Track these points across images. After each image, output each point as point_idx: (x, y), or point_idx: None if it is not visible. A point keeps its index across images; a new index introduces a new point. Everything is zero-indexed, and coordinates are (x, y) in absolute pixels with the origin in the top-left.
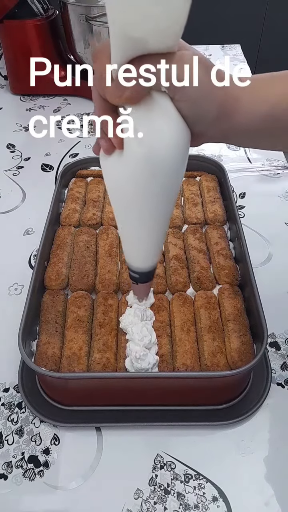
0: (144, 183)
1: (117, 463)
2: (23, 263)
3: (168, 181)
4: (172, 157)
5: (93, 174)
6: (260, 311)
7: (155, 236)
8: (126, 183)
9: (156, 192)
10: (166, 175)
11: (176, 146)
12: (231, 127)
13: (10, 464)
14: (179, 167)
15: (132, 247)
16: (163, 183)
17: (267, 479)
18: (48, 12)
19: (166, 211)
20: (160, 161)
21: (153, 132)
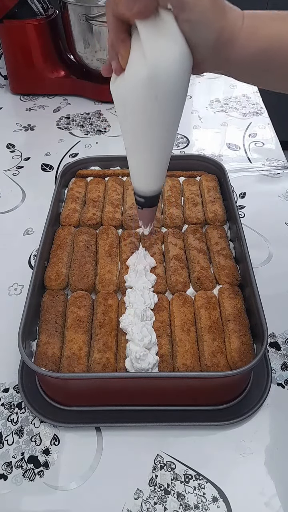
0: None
1: (117, 463)
2: (23, 263)
3: (170, 102)
4: (174, 77)
5: (93, 174)
6: (260, 311)
7: (158, 160)
8: (132, 104)
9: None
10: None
11: (178, 67)
12: (227, 59)
13: (10, 465)
14: (180, 90)
15: (138, 171)
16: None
17: (267, 479)
18: (48, 12)
19: (169, 135)
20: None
21: (158, 52)
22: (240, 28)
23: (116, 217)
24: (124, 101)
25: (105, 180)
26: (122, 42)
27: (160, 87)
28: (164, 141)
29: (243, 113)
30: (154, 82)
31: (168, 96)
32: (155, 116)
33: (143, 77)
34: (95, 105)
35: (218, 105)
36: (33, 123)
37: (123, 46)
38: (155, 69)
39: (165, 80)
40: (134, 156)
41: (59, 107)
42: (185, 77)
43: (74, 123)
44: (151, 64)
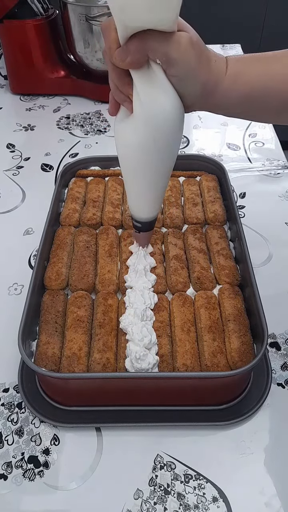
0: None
1: (117, 463)
2: (23, 263)
3: (167, 144)
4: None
5: (93, 174)
6: (260, 311)
7: (156, 191)
8: (132, 144)
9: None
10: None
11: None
12: (213, 104)
13: (10, 464)
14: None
15: (136, 200)
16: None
17: (267, 479)
18: (48, 12)
19: (165, 170)
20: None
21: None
22: (223, 77)
23: (116, 217)
24: (126, 141)
25: (105, 180)
26: (128, 85)
27: (157, 131)
28: (161, 177)
29: None
30: (152, 128)
31: (165, 139)
32: (153, 157)
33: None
34: (95, 105)
35: None
36: (33, 123)
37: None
38: (151, 117)
39: (161, 126)
40: (132, 188)
41: (59, 107)
42: (178, 121)
43: (74, 123)
44: (147, 113)
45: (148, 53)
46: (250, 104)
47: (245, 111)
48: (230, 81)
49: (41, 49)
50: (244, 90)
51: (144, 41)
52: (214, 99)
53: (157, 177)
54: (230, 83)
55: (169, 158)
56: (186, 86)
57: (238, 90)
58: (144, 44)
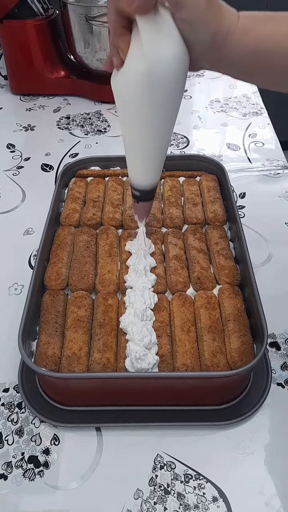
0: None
1: (117, 463)
2: (23, 263)
3: (167, 96)
4: (171, 72)
5: (93, 174)
6: (260, 311)
7: (155, 154)
8: (130, 98)
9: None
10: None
11: (175, 62)
12: (221, 58)
13: (10, 464)
14: (177, 85)
15: (135, 165)
16: (162, 97)
17: (267, 479)
18: (48, 12)
19: (165, 130)
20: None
21: (156, 48)
22: (234, 29)
23: (116, 217)
24: (123, 94)
25: (105, 180)
26: (121, 36)
27: (157, 81)
28: (161, 136)
29: (243, 113)
30: (152, 76)
31: (165, 90)
32: (152, 110)
33: (141, 71)
34: (95, 105)
35: (218, 105)
36: (33, 123)
37: (122, 41)
38: (152, 63)
39: (162, 75)
40: (131, 149)
41: (59, 107)
42: (182, 73)
43: (74, 123)
44: (149, 59)
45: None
46: (258, 62)
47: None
48: (240, 34)
49: (41, 49)
50: (254, 45)
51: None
52: (222, 52)
53: (155, 136)
54: (241, 36)
55: (168, 115)
56: (194, 33)
57: (248, 44)
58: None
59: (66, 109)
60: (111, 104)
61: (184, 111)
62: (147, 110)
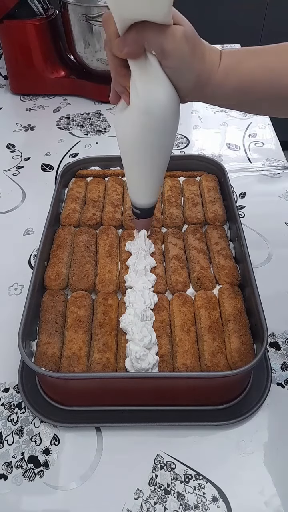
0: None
1: (117, 463)
2: (23, 263)
3: (164, 132)
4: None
5: (93, 174)
6: (260, 311)
7: (153, 179)
8: (130, 133)
9: (152, 140)
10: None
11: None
12: (206, 95)
13: (10, 464)
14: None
15: (135, 187)
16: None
17: (267, 479)
18: (48, 12)
19: (162, 159)
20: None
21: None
22: (217, 70)
23: (116, 217)
24: (124, 130)
25: (105, 180)
26: (125, 77)
27: (153, 120)
28: (158, 166)
29: (243, 113)
30: (148, 116)
31: (161, 127)
32: (150, 144)
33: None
34: (95, 105)
35: None
36: (33, 123)
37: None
38: (147, 106)
39: (156, 115)
40: (130, 175)
41: (59, 107)
42: (174, 111)
43: (74, 123)
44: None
45: (144, 44)
46: (243, 97)
47: (238, 103)
48: (222, 74)
49: (41, 49)
50: (236, 83)
51: (140, 32)
52: (207, 90)
53: (154, 165)
54: (223, 76)
55: (166, 147)
56: (180, 77)
57: (231, 83)
58: (141, 35)
59: (66, 109)
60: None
61: (184, 111)
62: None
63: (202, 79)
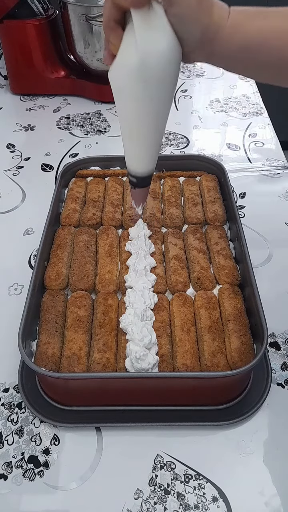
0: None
1: (117, 463)
2: (23, 263)
3: (159, 88)
4: (163, 64)
5: (93, 174)
6: (260, 311)
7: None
8: (125, 88)
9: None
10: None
11: (166, 55)
12: (212, 52)
13: (10, 464)
14: (169, 77)
15: (131, 152)
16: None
17: (267, 479)
18: (48, 12)
19: (158, 120)
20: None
21: (148, 41)
22: (225, 25)
23: (116, 217)
24: (118, 86)
25: (105, 180)
26: (112, 30)
27: (150, 72)
28: (155, 125)
29: (243, 113)
30: (144, 67)
31: (157, 81)
32: (145, 100)
33: (134, 62)
34: (95, 105)
35: (218, 105)
36: (33, 123)
37: (113, 35)
38: (145, 55)
39: (154, 66)
40: (127, 138)
41: (59, 107)
42: (173, 65)
43: (74, 123)
44: (141, 51)
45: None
46: (249, 58)
47: (243, 64)
48: (230, 30)
49: (41, 49)
50: (244, 41)
51: None
52: (213, 46)
53: (150, 126)
54: (230, 32)
55: (161, 105)
56: (186, 28)
57: (238, 40)
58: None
59: (66, 109)
60: (111, 104)
61: (184, 111)
62: (141, 101)
63: (208, 33)
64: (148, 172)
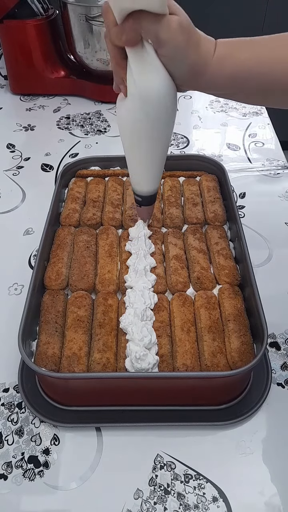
0: (140, 119)
1: (117, 463)
2: (23, 263)
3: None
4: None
5: (93, 174)
6: (260, 311)
7: (153, 166)
8: (128, 120)
9: (150, 127)
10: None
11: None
12: (201, 84)
13: (10, 464)
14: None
15: (136, 175)
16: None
17: (267, 479)
18: (48, 12)
19: (161, 146)
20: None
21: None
22: (211, 58)
23: (116, 217)
24: (123, 118)
25: (105, 180)
26: (121, 68)
27: (150, 107)
28: (157, 153)
29: (243, 113)
30: (145, 103)
31: (158, 114)
32: (148, 131)
33: (135, 97)
34: (95, 105)
35: (218, 105)
36: (33, 123)
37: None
38: (143, 93)
39: (153, 102)
40: (131, 163)
41: (59, 107)
42: (170, 98)
43: (74, 123)
44: (140, 90)
45: (141, 33)
46: (237, 87)
47: (233, 93)
48: (217, 63)
49: (41, 49)
50: (231, 73)
51: (137, 21)
52: (202, 79)
53: (153, 152)
54: (217, 65)
55: (164, 135)
56: (175, 66)
57: (225, 72)
58: (137, 23)
59: (66, 109)
60: (111, 104)
61: (184, 111)
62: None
63: (197, 68)
64: (152, 192)
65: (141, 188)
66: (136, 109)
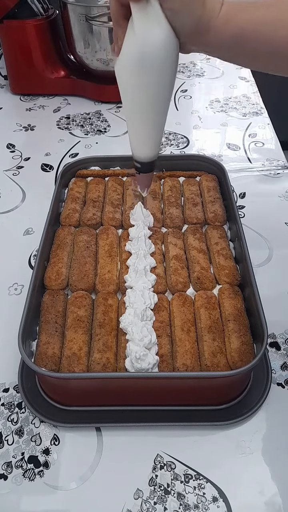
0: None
1: (117, 463)
2: (23, 263)
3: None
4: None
5: (93, 174)
6: (260, 311)
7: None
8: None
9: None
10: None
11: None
12: (206, 43)
13: (10, 464)
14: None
15: (135, 139)
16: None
17: (267, 479)
18: (48, 12)
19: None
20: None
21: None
22: (217, 16)
23: (116, 217)
24: (121, 75)
25: (105, 180)
26: (120, 26)
27: (148, 61)
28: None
29: (243, 113)
30: (143, 56)
31: (156, 69)
32: (145, 87)
33: (134, 52)
34: (95, 105)
35: (218, 105)
36: (33, 123)
37: (120, 30)
38: (143, 45)
39: (152, 55)
40: (130, 126)
41: (59, 107)
42: (170, 54)
43: (74, 123)
44: (139, 41)
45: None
46: (241, 48)
47: (236, 54)
48: (222, 21)
49: (41, 49)
50: (235, 32)
51: None
52: (206, 37)
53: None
54: (222, 23)
55: (163, 93)
56: (180, 20)
57: (230, 31)
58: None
59: (66, 109)
60: (111, 104)
61: (184, 111)
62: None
63: (201, 24)
64: (151, 158)
65: (140, 154)
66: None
